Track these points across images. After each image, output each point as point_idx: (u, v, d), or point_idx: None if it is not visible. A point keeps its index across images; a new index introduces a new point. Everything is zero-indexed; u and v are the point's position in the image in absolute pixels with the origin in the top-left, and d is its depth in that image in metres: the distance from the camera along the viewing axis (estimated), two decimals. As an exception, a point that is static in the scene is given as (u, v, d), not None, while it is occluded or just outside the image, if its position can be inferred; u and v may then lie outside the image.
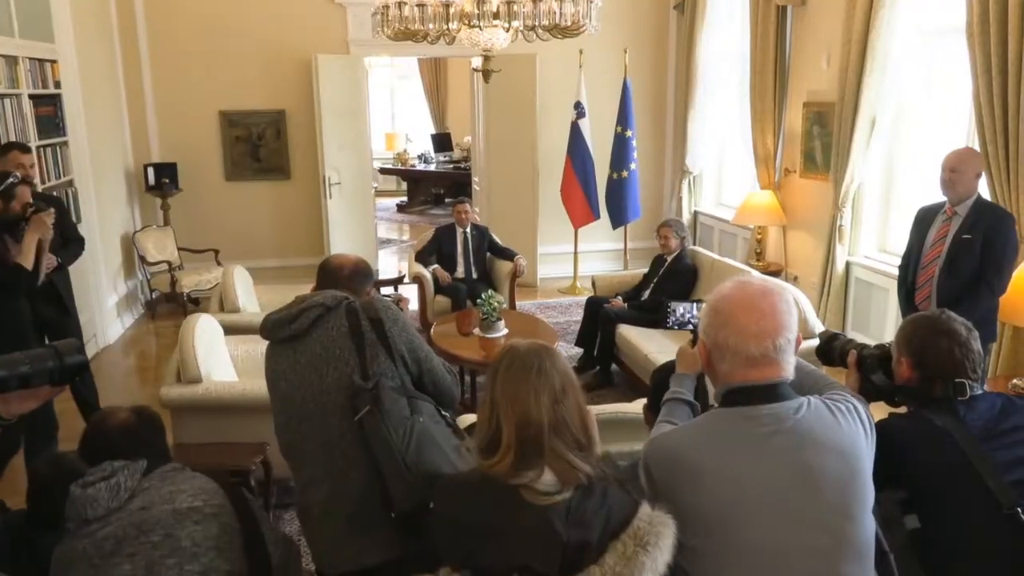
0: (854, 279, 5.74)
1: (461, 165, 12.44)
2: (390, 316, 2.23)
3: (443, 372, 2.29)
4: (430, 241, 6.44)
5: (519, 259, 6.26)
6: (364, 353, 2.17)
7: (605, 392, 5.28)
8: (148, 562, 1.79)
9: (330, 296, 2.28)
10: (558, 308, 7.37)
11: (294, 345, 2.24)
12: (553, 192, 7.81)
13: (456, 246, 6.35)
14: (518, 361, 1.71)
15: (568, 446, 1.65)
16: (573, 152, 7.54)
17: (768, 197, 6.56)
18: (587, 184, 7.55)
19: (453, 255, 6.33)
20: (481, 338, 4.91)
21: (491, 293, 4.99)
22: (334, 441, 2.14)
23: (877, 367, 2.07)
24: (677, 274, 5.53)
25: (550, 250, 8.24)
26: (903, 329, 2.08)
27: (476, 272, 6.36)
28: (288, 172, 7.86)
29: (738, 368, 1.66)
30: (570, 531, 1.59)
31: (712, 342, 1.70)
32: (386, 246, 10.43)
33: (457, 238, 6.36)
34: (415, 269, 6.21)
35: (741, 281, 1.72)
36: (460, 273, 6.32)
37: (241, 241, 7.81)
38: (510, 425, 1.65)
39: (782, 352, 1.66)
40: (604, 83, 7.90)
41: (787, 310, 1.67)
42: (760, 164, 6.70)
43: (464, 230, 6.36)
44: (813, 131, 6.15)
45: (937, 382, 1.98)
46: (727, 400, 1.69)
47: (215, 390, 3.71)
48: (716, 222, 7.89)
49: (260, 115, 7.69)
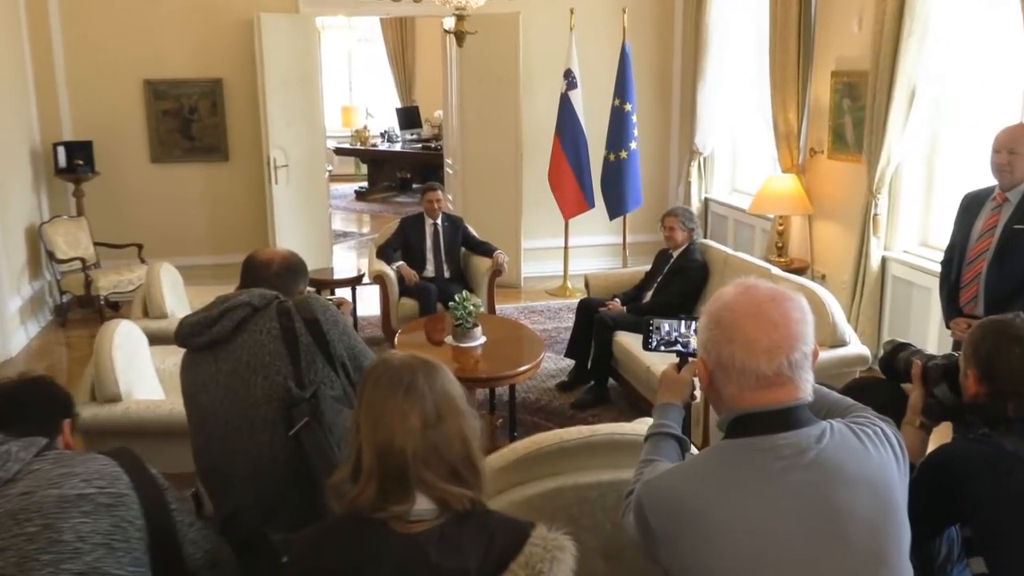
0: (891, 277, 5.79)
1: (431, 145, 12.44)
2: (328, 317, 2.24)
3: None
4: (394, 234, 6.43)
5: (499, 255, 6.27)
6: (299, 358, 2.18)
7: (600, 411, 5.29)
8: (20, 558, 1.70)
9: (257, 295, 2.29)
10: (545, 312, 7.38)
11: (215, 352, 2.25)
12: (540, 176, 7.83)
13: (425, 240, 6.34)
14: (386, 377, 1.69)
15: (442, 478, 1.64)
16: (563, 129, 7.55)
17: (791, 182, 6.60)
18: (579, 167, 7.57)
19: (421, 250, 6.32)
20: (454, 348, 4.91)
21: (466, 295, 4.98)
22: (265, 461, 2.14)
23: (940, 379, 2.06)
24: (685, 272, 5.55)
25: (536, 244, 8.25)
26: (970, 336, 2.08)
27: (448, 270, 6.35)
28: (226, 153, 7.83)
29: (747, 390, 1.65)
30: (443, 559, 1.60)
31: (715, 361, 1.68)
32: (343, 240, 10.38)
33: (426, 230, 6.35)
34: (376, 267, 6.20)
35: (746, 285, 1.71)
36: (430, 271, 6.31)
37: (169, 234, 7.76)
38: (371, 451, 1.64)
39: (798, 369, 1.64)
40: (599, 48, 7.92)
41: (802, 318, 1.66)
42: (781, 143, 6.75)
43: (434, 221, 6.35)
44: (843, 105, 6.20)
45: (1010, 399, 1.96)
46: (735, 429, 1.68)
47: (137, 410, 3.69)
48: (730, 211, 7.93)
49: (192, 85, 7.64)
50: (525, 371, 4.68)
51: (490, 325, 5.26)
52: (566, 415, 5.20)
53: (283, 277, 2.42)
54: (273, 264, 2.44)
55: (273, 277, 2.41)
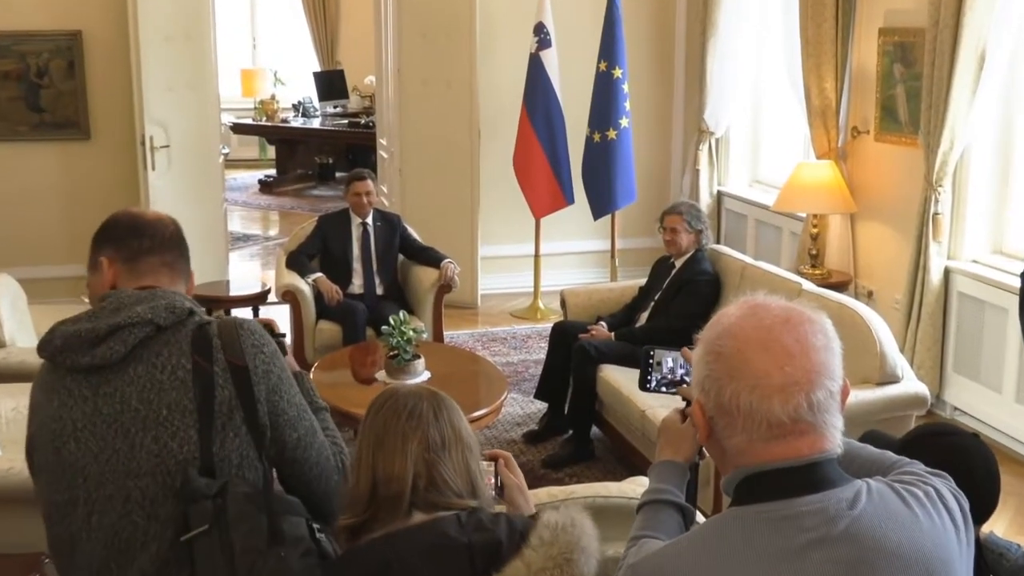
0: (956, 294, 5.84)
1: (360, 120, 12.46)
2: (262, 360, 2.08)
3: (328, 463, 2.17)
4: (310, 237, 6.42)
5: (448, 265, 6.26)
6: (211, 421, 2.01)
7: (580, 469, 5.28)
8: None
9: (164, 307, 2.08)
10: (509, 340, 7.37)
11: (95, 382, 2.05)
12: (503, 163, 7.83)
13: (351, 245, 6.33)
14: (389, 404, 2.06)
15: (441, 507, 2.01)
16: (532, 101, 7.56)
17: (828, 171, 6.65)
18: (554, 151, 7.58)
19: (346, 258, 6.32)
20: (388, 386, 4.86)
21: (404, 317, 4.97)
22: (133, 553, 1.97)
23: None
24: (690, 287, 5.56)
25: (497, 252, 8.25)
26: None
27: (382, 285, 6.35)
28: (86, 129, 7.76)
29: (756, 441, 1.65)
30: (471, 535, 1.97)
31: (714, 404, 1.68)
32: (242, 244, 10.33)
33: (353, 232, 6.35)
34: (286, 280, 6.17)
35: (752, 304, 1.72)
36: (357, 286, 6.31)
37: (9, 236, 7.64)
38: (367, 476, 1.99)
39: (821, 411, 1.64)
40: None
41: (825, 345, 1.67)
42: (816, 121, 6.79)
43: (363, 220, 6.35)
44: (894, 72, 6.26)
45: None
46: (743, 493, 1.69)
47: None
48: (750, 208, 7.98)
49: (42, 39, 7.57)
50: (481, 417, 4.65)
51: (436, 357, 5.23)
52: (536, 474, 5.18)
53: (183, 248, 2.27)
54: (168, 226, 2.27)
55: (171, 246, 2.26)
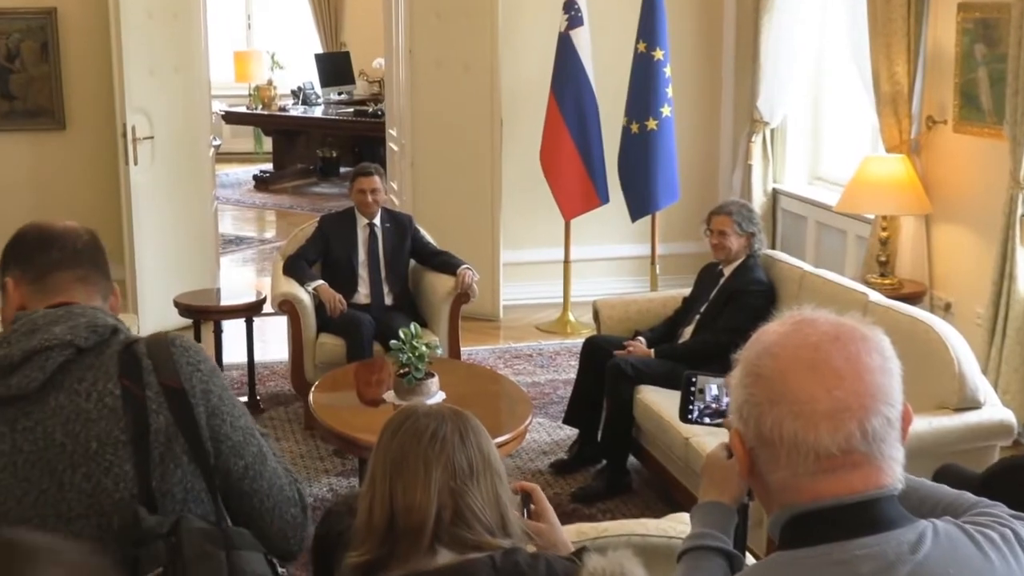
0: (1047, 308, 5.81)
1: (368, 109, 12.49)
2: (199, 379, 2.09)
3: (282, 493, 2.19)
4: (311, 240, 6.45)
5: (467, 271, 6.28)
6: (147, 452, 2.00)
7: (615, 504, 5.28)
8: None
9: (84, 326, 2.05)
10: (535, 358, 7.38)
11: (13, 415, 2.02)
12: (528, 156, 7.85)
13: (356, 249, 6.36)
14: (408, 424, 2.02)
15: (469, 545, 1.95)
16: (562, 88, 7.58)
17: (899, 166, 6.63)
18: (586, 142, 7.59)
19: (351, 264, 6.34)
20: (397, 408, 4.87)
21: (417, 330, 4.98)
22: None
23: None
24: (741, 297, 5.55)
25: (522, 257, 8.28)
26: None
27: (391, 293, 6.38)
28: (61, 118, 7.85)
29: (803, 476, 1.65)
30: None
31: (754, 433, 1.69)
32: (234, 248, 10.37)
33: (358, 235, 6.37)
34: (283, 288, 6.19)
35: (798, 319, 1.72)
36: (363, 296, 6.34)
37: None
38: (383, 506, 1.95)
39: (877, 440, 1.64)
40: (617, -31, 7.98)
41: (882, 365, 1.67)
42: (886, 110, 6.78)
43: (370, 221, 6.37)
44: (975, 53, 6.25)
45: None
46: (791, 535, 1.69)
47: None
48: (810, 209, 7.96)
49: (12, 18, 7.66)
50: (503, 444, 4.65)
51: (452, 376, 5.23)
52: (564, 510, 5.18)
53: (99, 260, 2.22)
54: (80, 236, 2.21)
55: (84, 258, 2.19)
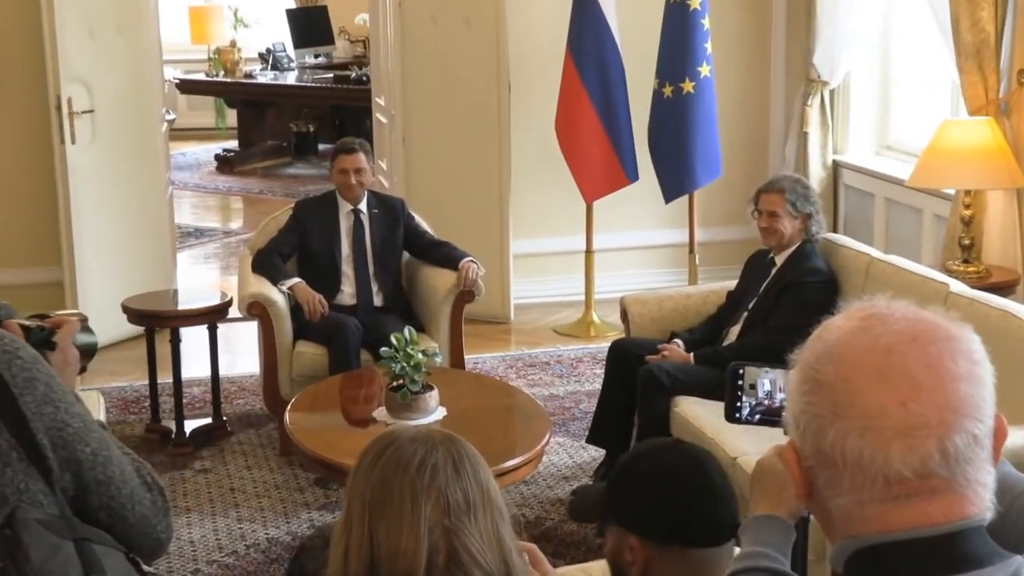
0: None
1: (350, 74, 12.51)
2: (20, 367, 2.27)
3: (133, 479, 2.37)
4: (285, 230, 6.48)
5: (471, 265, 6.32)
6: None
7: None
8: None
9: None
10: (553, 366, 7.42)
11: None
12: (541, 127, 7.92)
13: (339, 240, 6.41)
14: (391, 451, 2.00)
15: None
16: (580, 43, 7.62)
17: (986, 131, 6.58)
18: (610, 110, 7.64)
19: (333, 258, 6.39)
20: (387, 428, 4.97)
21: (411, 335, 5.02)
22: None
23: None
24: (796, 290, 5.58)
25: (536, 247, 8.34)
26: None
27: (380, 293, 6.43)
28: (-17, 90, 7.84)
29: (871, 504, 1.62)
30: None
31: (813, 449, 1.65)
32: (194, 242, 10.41)
33: (341, 224, 6.43)
34: (253, 288, 6.19)
35: (867, 315, 1.67)
36: (348, 296, 6.39)
37: None
38: (361, 551, 1.94)
39: (961, 463, 1.59)
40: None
41: (969, 372, 1.61)
42: (968, 65, 6.76)
43: (355, 207, 6.43)
44: (1068, -2, 6.33)
45: None
46: (856, 571, 1.66)
47: None
48: (879, 184, 7.99)
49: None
50: (516, 469, 4.72)
51: (454, 389, 5.26)
52: (589, 545, 5.21)
53: None
54: None
55: None
